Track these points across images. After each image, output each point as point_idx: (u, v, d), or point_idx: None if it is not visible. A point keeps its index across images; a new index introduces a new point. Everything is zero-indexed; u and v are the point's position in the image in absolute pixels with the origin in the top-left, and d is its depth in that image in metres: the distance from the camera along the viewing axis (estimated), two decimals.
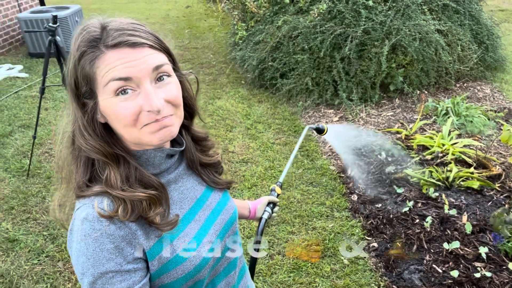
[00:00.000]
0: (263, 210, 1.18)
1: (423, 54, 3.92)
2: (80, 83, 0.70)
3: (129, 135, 0.72)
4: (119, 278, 0.69)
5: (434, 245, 2.26)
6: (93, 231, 0.68)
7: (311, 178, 3.03)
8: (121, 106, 0.68)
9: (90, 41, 0.68)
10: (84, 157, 0.73)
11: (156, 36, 0.73)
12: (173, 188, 0.81)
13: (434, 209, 2.50)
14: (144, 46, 0.69)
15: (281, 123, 3.88)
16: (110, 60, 0.67)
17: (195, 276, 0.78)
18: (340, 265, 2.27)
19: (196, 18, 8.37)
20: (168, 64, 0.73)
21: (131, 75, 0.67)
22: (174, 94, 0.72)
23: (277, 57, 4.31)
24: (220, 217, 0.88)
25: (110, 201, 0.70)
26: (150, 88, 0.69)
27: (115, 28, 0.69)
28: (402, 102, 4.06)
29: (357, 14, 3.95)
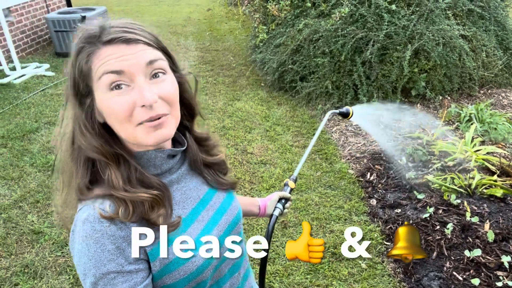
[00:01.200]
0: (273, 206, 1.14)
1: (447, 59, 3.86)
2: (77, 80, 0.71)
3: (125, 132, 0.71)
4: (121, 278, 0.68)
5: (454, 252, 2.22)
6: (94, 232, 0.68)
7: (329, 181, 3.03)
8: (115, 100, 0.68)
9: (87, 38, 0.70)
10: (84, 157, 0.73)
11: (152, 34, 0.74)
12: (175, 188, 0.80)
13: (456, 216, 2.46)
14: (138, 42, 0.70)
15: (300, 125, 3.88)
16: (104, 55, 0.68)
17: (197, 277, 0.77)
18: (357, 269, 2.26)
19: (217, 21, 8.46)
20: (163, 60, 0.73)
21: (123, 68, 0.68)
22: (168, 90, 0.72)
23: (297, 60, 4.32)
24: (224, 218, 0.86)
25: (111, 203, 0.70)
26: (143, 82, 0.69)
27: (112, 25, 0.71)
28: (424, 108, 4.01)
29: (379, 18, 3.93)
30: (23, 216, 2.73)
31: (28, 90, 4.83)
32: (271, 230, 1.07)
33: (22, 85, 4.96)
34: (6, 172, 3.21)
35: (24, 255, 2.41)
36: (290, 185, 1.20)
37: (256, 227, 2.60)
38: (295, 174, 1.24)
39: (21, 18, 5.95)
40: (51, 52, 6.25)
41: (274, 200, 1.16)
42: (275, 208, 1.14)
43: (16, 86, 4.90)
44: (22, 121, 4.07)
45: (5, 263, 2.35)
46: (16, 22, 5.81)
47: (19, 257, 2.39)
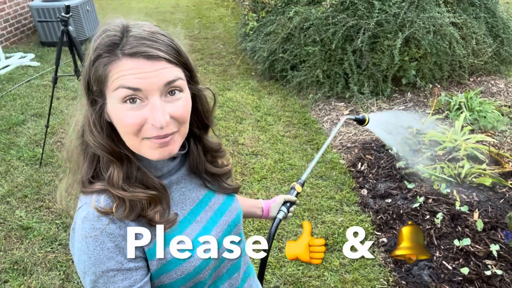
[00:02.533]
0: (277, 209, 1.14)
1: (437, 47, 3.85)
2: (91, 83, 0.71)
3: (130, 143, 0.72)
4: (121, 276, 0.69)
5: (444, 241, 2.25)
6: (93, 230, 0.68)
7: (320, 172, 3.03)
8: (126, 114, 0.68)
9: (108, 45, 0.68)
10: (91, 153, 0.74)
11: (176, 49, 0.72)
12: (174, 189, 0.81)
13: (445, 205, 2.49)
14: (160, 60, 0.68)
15: (291, 115, 3.86)
16: (124, 68, 0.67)
17: (195, 277, 0.77)
18: (349, 259, 2.28)
19: (206, 8, 8.32)
20: (183, 79, 0.72)
21: (141, 87, 0.67)
22: (182, 111, 0.72)
23: (288, 48, 4.28)
24: (223, 219, 0.86)
25: (108, 199, 0.71)
26: (158, 102, 0.68)
27: (135, 35, 0.68)
28: (415, 96, 4.02)
29: (370, 6, 3.89)
30: (11, 212, 2.69)
31: (13, 81, 4.72)
32: (273, 233, 1.07)
33: (7, 76, 4.84)
34: None
35: (13, 252, 2.38)
36: (297, 189, 1.20)
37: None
38: (303, 178, 1.24)
39: (4, 6, 5.78)
40: (36, 42, 6.10)
41: (279, 203, 1.16)
42: (279, 211, 1.14)
43: (0, 77, 4.78)
44: (8, 113, 3.98)
45: None
46: None
47: (8, 254, 2.36)
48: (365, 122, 1.34)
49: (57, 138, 3.56)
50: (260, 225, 2.56)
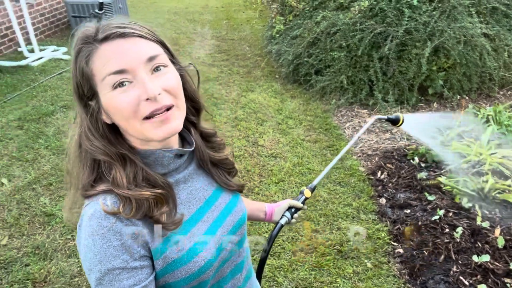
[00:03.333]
0: (281, 214, 1.13)
1: (467, 58, 3.76)
2: (80, 84, 0.71)
3: (132, 129, 0.71)
4: (126, 274, 0.69)
5: (462, 256, 2.19)
6: (100, 227, 0.68)
7: (339, 178, 3.00)
8: (119, 98, 0.68)
9: (84, 38, 0.71)
10: (90, 159, 0.74)
11: (148, 29, 0.74)
12: (182, 188, 0.81)
13: (466, 219, 2.42)
14: (134, 36, 0.70)
15: (313, 120, 3.85)
16: (104, 54, 0.68)
17: (199, 277, 0.77)
18: (362, 267, 2.25)
19: (234, 10, 8.40)
20: (164, 54, 0.73)
21: (125, 67, 0.68)
22: (171, 82, 0.72)
23: (313, 53, 4.27)
24: (228, 219, 0.86)
25: (115, 198, 0.71)
26: (145, 76, 0.69)
27: (106, 24, 0.71)
28: (441, 107, 3.93)
29: (399, 13, 3.84)
30: (36, 198, 2.79)
31: (45, 73, 4.90)
32: (274, 237, 1.05)
33: (40, 67, 5.03)
34: (21, 154, 3.28)
35: (36, 237, 2.47)
36: (306, 194, 1.16)
37: None
38: (314, 183, 1.19)
39: (41, 1, 6.00)
40: (69, 36, 6.27)
41: (283, 207, 1.15)
42: (282, 216, 1.12)
43: (33, 69, 4.97)
44: (39, 103, 4.14)
45: (17, 243, 2.42)
46: (36, 4, 5.87)
47: (31, 238, 2.46)
48: (399, 122, 1.25)
49: None
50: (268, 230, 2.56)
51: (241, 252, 0.90)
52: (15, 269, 2.24)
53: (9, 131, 3.60)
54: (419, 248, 2.31)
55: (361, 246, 2.38)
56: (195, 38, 6.43)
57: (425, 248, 2.29)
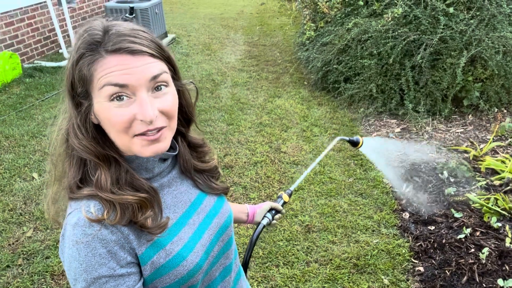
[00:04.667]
0: (262, 215, 1.16)
1: (506, 69, 3.55)
2: (76, 84, 0.70)
3: (120, 142, 0.71)
4: (113, 283, 0.68)
5: (487, 279, 2.05)
6: (85, 236, 0.66)
7: (361, 189, 2.91)
8: (115, 112, 0.67)
9: (90, 44, 0.68)
10: (77, 157, 0.73)
11: (157, 44, 0.72)
12: (166, 192, 0.80)
13: (494, 240, 2.27)
14: (144, 54, 0.68)
15: (339, 128, 3.77)
16: (109, 65, 0.67)
17: (188, 281, 0.76)
18: (379, 283, 2.16)
19: (269, 16, 8.43)
20: (167, 73, 0.72)
21: (127, 83, 0.67)
22: (170, 105, 0.71)
23: (343, 60, 4.19)
24: (214, 221, 0.85)
25: (99, 205, 0.69)
26: (145, 97, 0.68)
27: (117, 33, 0.68)
28: (476, 120, 3.74)
29: (435, 21, 3.69)
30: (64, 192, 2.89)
31: None
32: (256, 238, 1.08)
33: None
34: None
35: (59, 230, 2.55)
36: (284, 198, 1.21)
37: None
38: (291, 189, 1.25)
39: (83, 5, 6.30)
40: None
41: (265, 209, 1.17)
42: (263, 217, 1.15)
43: None
44: None
45: (40, 236, 2.51)
46: (77, 8, 6.16)
47: (54, 232, 2.55)
48: (358, 144, 1.33)
49: None
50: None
51: (229, 254, 0.89)
52: (36, 261, 2.33)
53: (44, 128, 3.78)
54: (441, 267, 2.19)
55: (379, 261, 2.29)
56: (227, 44, 6.50)
57: (447, 268, 2.17)
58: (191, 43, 6.49)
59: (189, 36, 6.89)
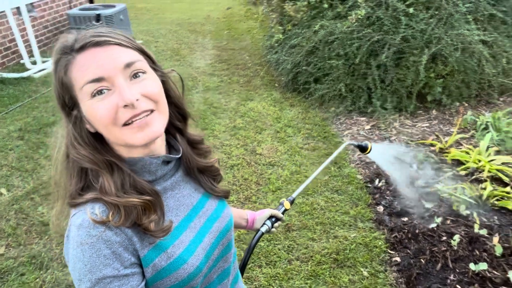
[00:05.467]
0: (262, 222, 1.15)
1: (465, 65, 3.76)
2: (61, 93, 0.72)
3: (113, 136, 0.72)
4: (117, 283, 0.68)
5: (460, 265, 2.16)
6: (89, 237, 0.67)
7: (336, 186, 2.99)
8: (98, 106, 0.69)
9: (62, 49, 0.71)
10: (78, 168, 0.74)
11: (125, 36, 0.74)
12: (169, 195, 0.81)
13: (464, 227, 2.40)
14: (110, 44, 0.70)
15: (312, 128, 3.85)
16: (80, 64, 0.69)
17: (188, 283, 0.77)
18: (359, 276, 2.23)
19: (236, 20, 8.47)
20: (142, 61, 0.73)
21: (102, 75, 0.68)
22: (151, 88, 0.72)
23: (311, 61, 4.29)
24: (215, 225, 0.86)
25: (104, 207, 0.70)
26: (123, 83, 0.69)
27: (83, 33, 0.71)
28: (440, 114, 3.92)
29: (396, 21, 3.85)
30: (34, 208, 2.80)
31: (47, 84, 4.94)
32: (254, 244, 1.07)
33: (42, 79, 5.09)
34: (21, 164, 3.31)
35: (32, 246, 2.47)
36: (285, 206, 1.20)
37: None
38: (293, 196, 1.24)
39: (44, 14, 6.11)
40: None
41: (265, 216, 1.17)
42: (263, 224, 1.14)
43: (35, 80, 5.03)
44: (40, 114, 4.18)
45: (13, 253, 2.42)
46: (39, 17, 5.97)
47: (27, 248, 2.46)
48: (367, 150, 1.34)
49: None
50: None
51: (228, 257, 0.91)
52: (11, 279, 2.24)
53: (9, 141, 3.64)
54: (416, 256, 2.29)
55: (357, 255, 2.36)
56: (196, 49, 6.49)
57: (422, 256, 2.27)
58: (159, 49, 6.42)
59: (156, 42, 6.82)
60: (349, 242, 2.47)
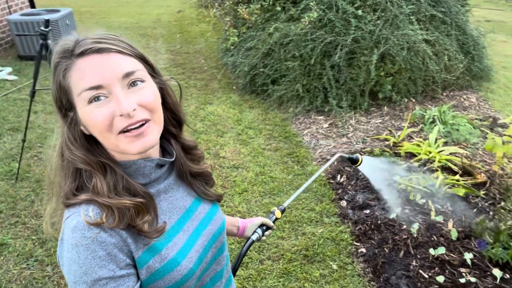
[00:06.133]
0: (253, 230, 1.16)
1: (411, 63, 4.00)
2: (58, 96, 0.73)
3: (108, 143, 0.73)
4: (113, 284, 0.68)
5: (420, 250, 2.31)
6: (84, 239, 0.67)
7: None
8: (95, 112, 0.69)
9: (62, 52, 0.72)
10: (72, 168, 0.74)
11: (127, 43, 0.74)
12: (162, 198, 0.81)
13: (421, 215, 2.56)
14: (111, 51, 0.70)
15: (272, 129, 3.91)
16: (80, 69, 0.70)
17: (182, 286, 0.78)
18: (329, 270, 2.31)
19: (187, 23, 8.39)
20: (142, 70, 0.74)
21: (100, 83, 0.69)
22: (148, 98, 0.72)
23: (268, 63, 4.36)
24: (208, 228, 0.88)
25: (98, 209, 0.70)
26: (120, 92, 0.69)
27: (85, 39, 0.72)
28: (391, 110, 4.14)
29: (347, 23, 4.02)
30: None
31: None
32: (244, 252, 1.09)
33: None
34: None
35: None
36: (276, 215, 1.22)
37: None
38: (284, 205, 1.26)
39: None
40: (14, 55, 6.01)
41: (255, 224, 1.18)
42: (254, 232, 1.15)
43: None
44: None
45: None
46: None
47: None
48: (358, 162, 1.39)
49: (34, 152, 3.49)
50: None
51: (220, 260, 0.92)
52: None
53: None
54: (380, 246, 2.41)
55: (326, 249, 2.44)
56: (149, 53, 6.16)
57: (385, 246, 2.39)
58: None
59: None
60: (317, 237, 2.54)
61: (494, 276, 2.07)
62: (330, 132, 3.82)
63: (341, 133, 3.78)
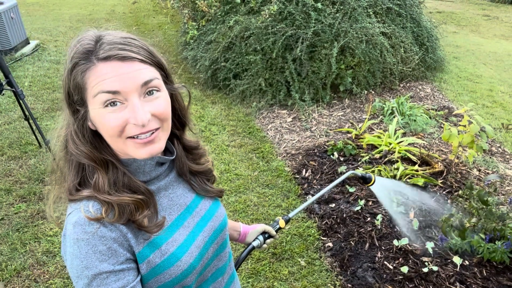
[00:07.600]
0: (254, 236, 1.16)
1: (370, 55, 4.08)
2: (71, 92, 0.73)
3: (115, 145, 0.74)
4: (114, 278, 0.70)
5: (385, 242, 2.37)
6: (85, 234, 0.69)
7: (267, 180, 3.06)
8: (108, 117, 0.70)
9: (83, 53, 0.71)
10: (76, 162, 0.76)
11: (148, 51, 0.75)
12: (163, 194, 0.83)
13: (384, 207, 2.62)
14: (134, 60, 0.71)
15: (236, 124, 3.87)
16: (101, 73, 0.70)
17: (182, 281, 0.79)
18: (297, 267, 2.32)
19: (144, 15, 8.10)
20: (159, 79, 0.75)
21: (119, 89, 0.69)
22: (162, 109, 0.74)
23: (229, 57, 4.29)
24: (209, 224, 0.88)
25: (98, 205, 0.72)
26: (137, 102, 0.71)
27: (108, 41, 0.71)
28: (352, 102, 4.21)
29: (307, 16, 4.02)
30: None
31: None
32: (243, 258, 1.09)
33: None
34: None
35: None
36: (280, 224, 1.22)
37: None
38: (289, 216, 1.27)
39: None
40: None
41: (258, 231, 1.19)
42: (255, 239, 1.16)
43: None
44: None
45: None
46: None
47: None
48: (371, 182, 1.38)
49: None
50: None
51: (222, 256, 0.93)
52: None
53: None
54: (346, 239, 2.45)
55: (294, 246, 2.45)
56: None
57: (351, 239, 2.43)
58: (60, 48, 5.88)
59: (56, 41, 6.24)
60: (285, 234, 2.54)
61: (454, 264, 2.16)
62: (294, 126, 3.83)
63: (304, 126, 3.80)
